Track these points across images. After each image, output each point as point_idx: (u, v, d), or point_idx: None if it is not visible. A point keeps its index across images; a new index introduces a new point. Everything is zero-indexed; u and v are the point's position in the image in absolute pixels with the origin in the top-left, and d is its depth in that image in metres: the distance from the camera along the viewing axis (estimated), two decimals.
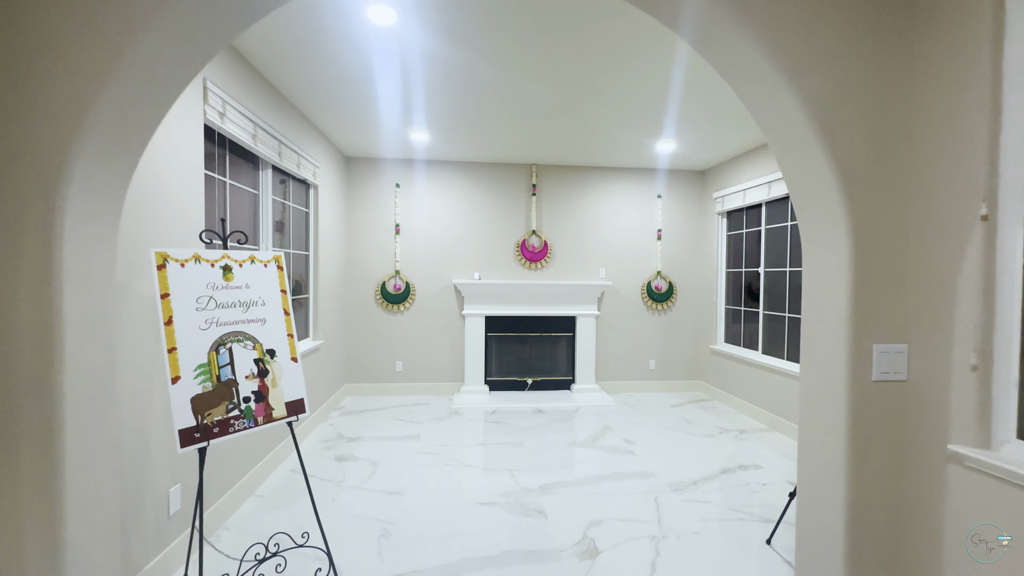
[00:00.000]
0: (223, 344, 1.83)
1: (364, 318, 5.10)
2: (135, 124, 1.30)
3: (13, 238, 1.15)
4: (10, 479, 1.15)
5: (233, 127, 2.63)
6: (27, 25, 1.15)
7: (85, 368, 1.24)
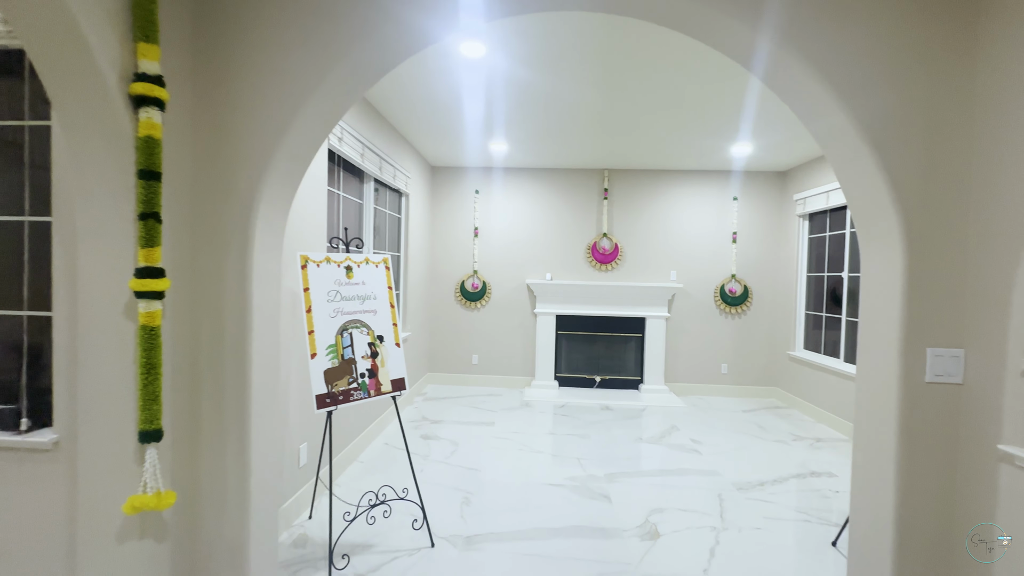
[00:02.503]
0: (346, 329, 2.27)
1: (445, 314, 5.58)
2: (299, 159, 1.72)
3: (223, 248, 1.61)
4: (218, 415, 1.62)
5: (348, 148, 3.12)
6: (230, 94, 1.60)
7: (264, 342, 1.68)
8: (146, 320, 1.39)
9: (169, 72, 1.49)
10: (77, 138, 1.37)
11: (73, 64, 1.28)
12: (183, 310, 1.58)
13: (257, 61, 1.59)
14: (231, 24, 1.59)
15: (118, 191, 1.38)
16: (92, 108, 1.33)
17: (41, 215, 1.76)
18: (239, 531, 1.62)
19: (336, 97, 1.66)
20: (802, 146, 4.31)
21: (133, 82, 1.36)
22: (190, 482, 1.62)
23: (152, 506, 1.39)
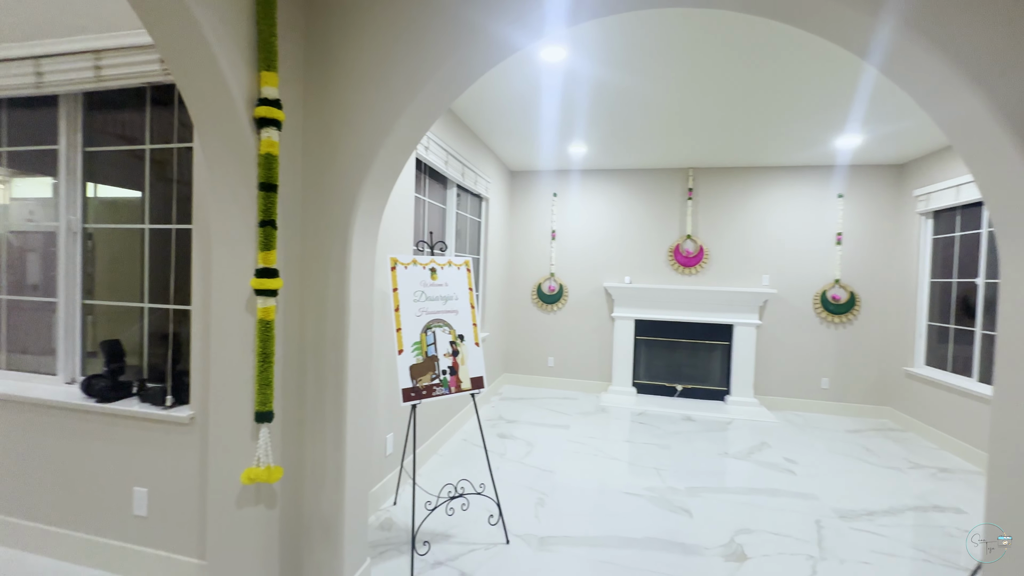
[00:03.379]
0: (430, 328, 2.40)
1: (521, 315, 5.66)
2: (391, 170, 1.86)
3: (326, 251, 1.78)
4: (319, 401, 1.79)
5: (433, 157, 3.29)
6: (334, 113, 1.77)
7: (359, 338, 1.84)
8: (263, 315, 1.58)
9: (285, 96, 1.68)
10: (212, 156, 1.60)
11: (211, 93, 1.49)
12: (293, 307, 1.78)
13: (356, 83, 1.74)
14: (335, 51, 1.76)
15: (243, 202, 1.59)
16: (224, 130, 1.55)
17: (184, 224, 2.06)
18: (335, 507, 1.78)
19: (424, 112, 1.77)
20: (926, 135, 3.81)
21: (257, 106, 1.55)
22: (295, 460, 1.81)
23: (263, 479, 1.57)
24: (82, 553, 2.06)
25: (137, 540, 2.00)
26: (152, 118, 2.11)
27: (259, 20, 1.55)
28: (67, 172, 2.20)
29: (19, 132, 2.31)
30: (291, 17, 1.71)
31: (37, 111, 2.25)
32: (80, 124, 2.20)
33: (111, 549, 2.02)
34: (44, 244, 2.32)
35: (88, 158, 2.22)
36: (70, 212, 2.21)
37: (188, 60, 1.44)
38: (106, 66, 1.97)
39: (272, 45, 1.57)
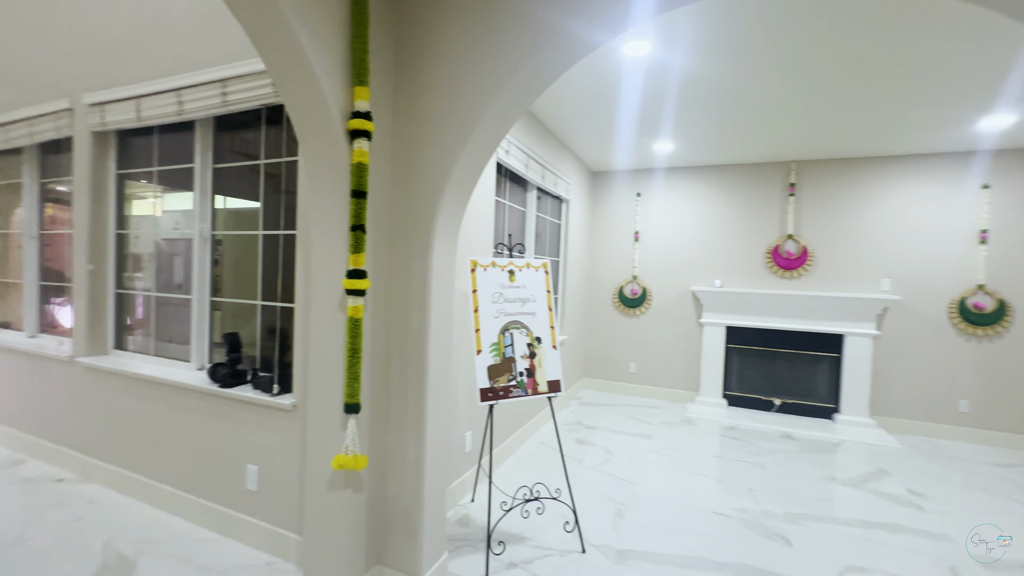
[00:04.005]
0: (507, 329, 2.42)
1: (602, 319, 5.52)
2: (471, 172, 1.90)
3: (410, 254, 1.87)
4: (402, 396, 1.88)
5: (513, 160, 3.33)
6: (419, 122, 1.85)
7: (439, 337, 1.90)
8: (352, 313, 1.69)
9: (375, 107, 1.79)
10: (311, 167, 1.75)
11: (312, 109, 1.63)
12: (380, 306, 1.89)
13: (438, 91, 1.81)
14: (420, 62, 1.85)
15: (337, 208, 1.72)
16: (322, 142, 1.69)
17: (290, 229, 2.29)
18: (415, 498, 1.86)
19: (502, 116, 1.79)
20: None
21: (350, 119, 1.67)
22: (380, 450, 1.92)
23: (351, 466, 1.68)
24: (204, 516, 2.36)
25: (248, 511, 2.25)
26: (266, 136, 2.37)
27: (353, 40, 1.67)
28: (200, 187, 2.55)
29: (167, 154, 2.71)
30: (382, 33, 1.82)
31: (179, 135, 2.64)
32: (211, 144, 2.54)
33: (227, 516, 2.29)
34: (186, 250, 2.70)
35: (216, 174, 2.55)
36: (202, 221, 2.55)
37: (293, 80, 1.60)
38: (231, 92, 2.25)
39: (364, 62, 1.68)
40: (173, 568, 2.04)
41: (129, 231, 2.91)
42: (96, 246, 2.85)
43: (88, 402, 2.81)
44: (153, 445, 2.55)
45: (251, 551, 2.19)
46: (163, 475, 2.51)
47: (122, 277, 2.92)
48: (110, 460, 2.72)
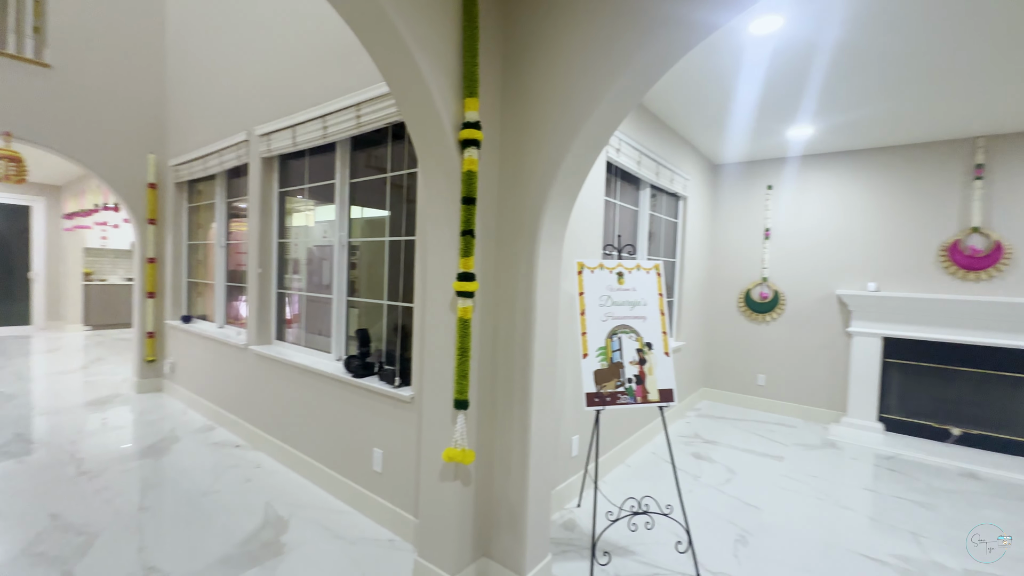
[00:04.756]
0: (615, 333, 2.34)
1: (725, 325, 5.07)
2: (577, 174, 1.88)
3: (516, 257, 1.91)
4: (507, 395, 1.93)
5: (625, 159, 3.22)
6: (525, 127, 1.88)
7: (543, 339, 1.91)
8: (462, 314, 1.78)
9: (484, 116, 1.87)
10: (427, 176, 1.88)
11: (428, 123, 1.76)
12: (487, 308, 1.96)
13: (543, 96, 1.82)
14: (526, 68, 1.88)
15: (450, 214, 1.82)
16: (437, 153, 1.80)
17: (411, 235, 2.49)
18: (519, 496, 1.89)
19: (610, 114, 1.73)
20: None
21: (461, 129, 1.76)
22: (486, 446, 1.99)
23: (459, 459, 1.77)
24: (340, 490, 2.67)
25: (374, 490, 2.49)
26: (392, 151, 2.61)
27: (465, 54, 1.76)
28: (340, 199, 2.90)
29: (315, 172, 3.14)
30: (490, 44, 1.89)
31: (324, 155, 3.03)
32: (348, 161, 2.87)
33: (358, 493, 2.57)
34: (331, 255, 3.10)
35: (352, 187, 2.88)
36: (341, 230, 2.90)
37: (411, 98, 1.73)
38: (363, 114, 2.53)
39: (474, 74, 1.76)
40: (314, 532, 2.35)
41: (288, 240, 3.42)
42: (264, 253, 3.41)
43: (257, 383, 3.37)
44: (303, 423, 2.96)
45: (376, 526, 2.43)
46: (310, 450, 2.91)
47: (283, 279, 3.45)
48: (272, 433, 3.22)
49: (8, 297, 7.85)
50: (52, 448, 3.24)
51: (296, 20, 3.02)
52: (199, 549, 2.17)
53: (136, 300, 4.67)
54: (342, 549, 2.22)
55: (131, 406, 4.23)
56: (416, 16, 1.60)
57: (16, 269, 7.93)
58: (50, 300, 8.22)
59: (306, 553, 2.17)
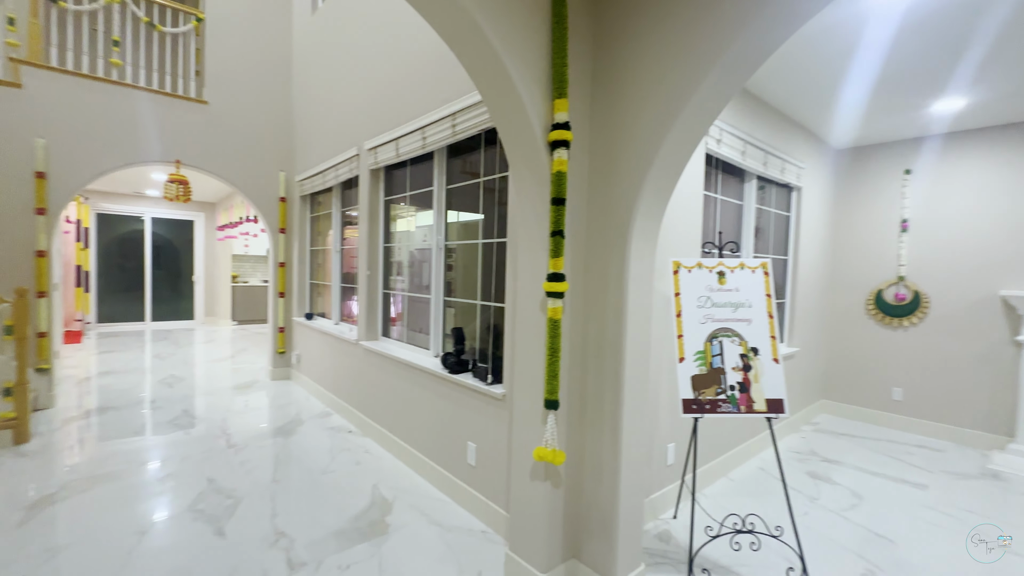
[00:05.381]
0: (715, 337, 2.19)
1: (850, 330, 4.49)
2: (671, 170, 1.80)
3: (606, 257, 1.88)
4: (598, 398, 1.90)
5: (726, 149, 3.00)
6: (614, 126, 1.84)
7: (636, 341, 1.85)
8: (551, 314, 1.79)
9: (573, 117, 1.86)
10: (517, 178, 1.92)
11: (518, 126, 1.80)
12: (577, 308, 1.95)
13: (634, 92, 1.76)
14: (616, 65, 1.84)
15: (539, 215, 1.84)
16: (527, 155, 1.83)
17: (502, 237, 2.56)
18: (610, 501, 1.85)
19: (706, 105, 1.63)
20: None
21: (550, 131, 1.78)
22: (576, 448, 1.97)
23: (549, 459, 1.78)
24: (437, 479, 2.83)
25: (468, 482, 2.60)
26: (485, 156, 2.71)
27: (554, 57, 1.77)
28: (437, 204, 3.07)
29: (415, 180, 3.36)
30: (579, 43, 1.88)
31: (423, 165, 3.24)
32: (444, 168, 3.03)
33: (453, 483, 2.70)
34: (430, 257, 3.30)
35: (448, 193, 3.04)
36: (438, 233, 3.07)
37: (501, 103, 1.78)
38: (458, 123, 2.65)
39: (563, 75, 1.76)
40: (414, 517, 2.52)
41: (393, 244, 3.71)
42: (371, 256, 3.72)
43: (366, 375, 3.69)
44: (405, 414, 3.19)
45: (470, 517, 2.53)
46: (411, 439, 3.12)
47: (388, 280, 3.75)
48: (378, 421, 3.51)
49: (178, 296, 9.49)
50: (208, 423, 3.85)
51: (395, 41, 3.26)
52: (318, 520, 2.44)
53: (270, 299, 5.37)
54: (439, 535, 2.35)
55: (266, 391, 4.88)
56: (505, 23, 1.64)
57: (183, 273, 9.56)
58: (207, 299, 9.78)
59: (407, 535, 2.34)
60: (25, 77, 3.95)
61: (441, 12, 1.63)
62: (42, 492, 2.63)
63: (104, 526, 2.32)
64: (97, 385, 4.93)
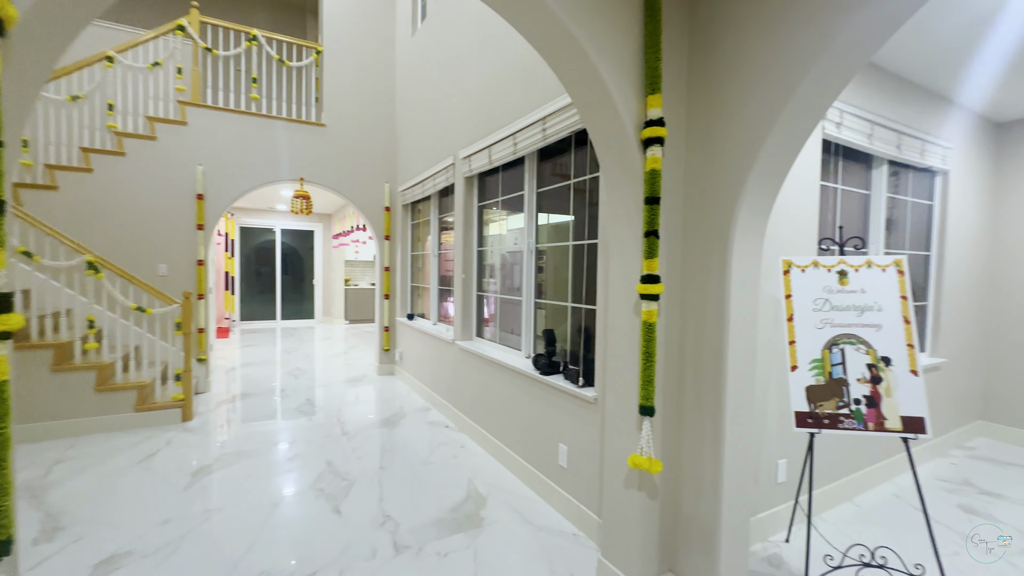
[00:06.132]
0: (835, 344, 1.96)
1: (1016, 338, 3.74)
2: (779, 163, 1.65)
3: (706, 257, 1.78)
4: (696, 406, 1.80)
5: (849, 133, 2.67)
6: (712, 119, 1.73)
7: (739, 346, 1.73)
8: (646, 317, 1.73)
9: (668, 112, 1.79)
10: (608, 178, 1.89)
11: (609, 126, 1.77)
12: (673, 311, 1.86)
13: (737, 77, 1.64)
14: (714, 56, 1.73)
15: (631, 215, 1.80)
16: (618, 155, 1.80)
17: (593, 239, 2.53)
18: (712, 517, 1.75)
19: (822, 86, 1.47)
20: None
21: (643, 128, 1.72)
22: (674, 458, 1.89)
23: (645, 467, 1.72)
24: (528, 478, 2.87)
25: (559, 483, 2.61)
26: (575, 158, 2.70)
27: (647, 52, 1.72)
28: (528, 208, 3.13)
29: (507, 185, 3.46)
30: (674, 34, 1.80)
31: (514, 169, 3.31)
32: (535, 172, 3.08)
33: (544, 484, 2.72)
34: (521, 260, 3.37)
35: (539, 196, 3.08)
36: (529, 236, 3.13)
37: (591, 103, 1.77)
38: (548, 126, 2.68)
39: (657, 70, 1.70)
40: (507, 513, 2.58)
41: (486, 247, 3.85)
42: (466, 260, 3.89)
43: (461, 373, 3.87)
44: (498, 412, 3.29)
45: (561, 518, 2.53)
46: (503, 437, 3.21)
47: (481, 282, 3.89)
48: (473, 418, 3.66)
49: (301, 298, 10.72)
50: (326, 412, 4.30)
51: (486, 53, 3.38)
52: (419, 508, 2.60)
53: (376, 301, 5.85)
54: (531, 534, 2.39)
55: (373, 385, 5.33)
56: (594, 23, 1.63)
57: (306, 277, 10.78)
58: (325, 300, 10.91)
59: (500, 531, 2.41)
60: (188, 115, 4.74)
61: (530, 19, 1.66)
62: (201, 462, 3.14)
63: (246, 495, 2.70)
64: (240, 374, 5.75)
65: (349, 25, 5.54)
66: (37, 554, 2.11)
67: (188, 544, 2.22)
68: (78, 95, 4.43)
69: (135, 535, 2.27)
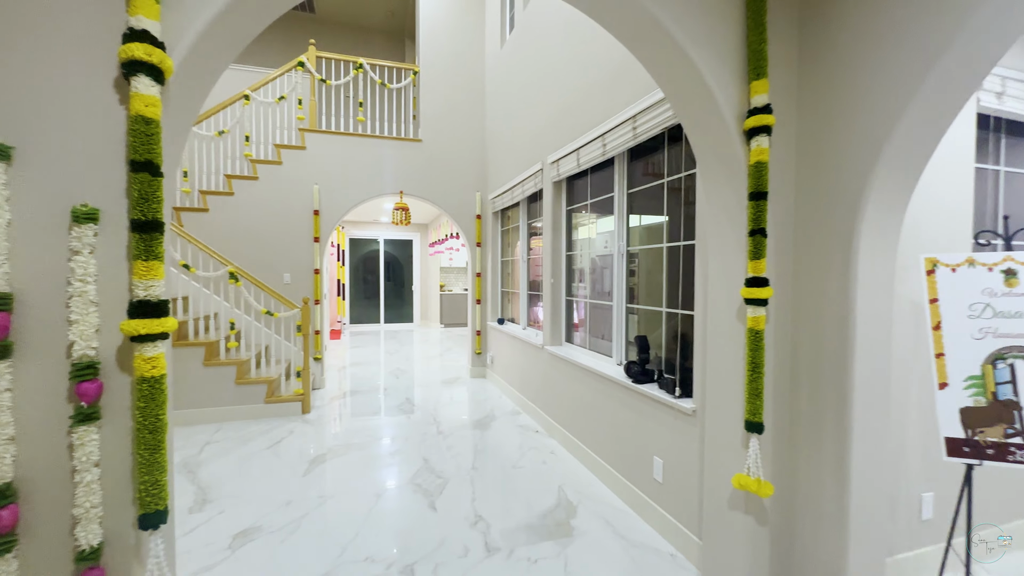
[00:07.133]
0: (1002, 358, 1.62)
1: None
2: (917, 147, 1.41)
3: (824, 258, 1.57)
4: (814, 424, 1.60)
5: (1014, 104, 2.22)
6: (831, 102, 1.52)
7: (869, 357, 1.50)
8: (753, 324, 1.58)
9: (775, 99, 1.62)
10: (707, 175, 1.76)
11: (706, 118, 1.65)
12: (784, 317, 1.68)
13: (859, 58, 1.44)
14: (832, 32, 1.53)
15: (733, 213, 1.65)
16: (717, 148, 1.67)
17: (690, 240, 2.38)
18: (837, 552, 1.53)
19: (975, 51, 1.23)
20: None
21: (746, 118, 1.58)
22: (787, 482, 1.69)
23: (753, 489, 1.56)
24: (621, 490, 2.76)
25: (654, 498, 2.47)
26: (668, 155, 2.57)
27: (749, 34, 1.58)
28: (618, 210, 3.03)
29: (595, 187, 3.39)
30: (781, 16, 1.63)
31: (603, 171, 3.24)
32: (625, 172, 2.98)
33: (638, 497, 2.60)
34: (611, 264, 3.28)
35: (630, 197, 2.97)
36: (620, 239, 3.03)
37: (686, 95, 1.67)
38: (639, 125, 2.58)
39: (762, 52, 1.55)
40: (598, 525, 2.50)
41: (575, 252, 3.80)
42: (555, 264, 3.88)
43: (550, 378, 3.85)
44: (588, 420, 3.21)
45: (656, 536, 2.40)
46: (594, 446, 3.13)
47: (570, 287, 3.85)
48: (563, 424, 3.62)
49: (401, 303, 11.49)
50: (423, 411, 4.53)
51: (572, 56, 3.34)
52: (510, 511, 2.63)
53: (469, 305, 6.06)
54: (624, 549, 2.29)
55: (466, 387, 5.51)
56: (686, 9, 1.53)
57: (406, 283, 11.54)
58: (422, 305, 11.58)
59: (591, 542, 2.34)
60: (307, 140, 5.32)
61: (618, 14, 1.61)
62: (318, 452, 3.48)
63: (354, 485, 2.93)
64: (350, 373, 6.30)
65: (442, 45, 5.85)
66: (191, 521, 2.48)
67: (307, 524, 2.46)
68: (223, 130, 5.20)
69: (263, 512, 2.57)
